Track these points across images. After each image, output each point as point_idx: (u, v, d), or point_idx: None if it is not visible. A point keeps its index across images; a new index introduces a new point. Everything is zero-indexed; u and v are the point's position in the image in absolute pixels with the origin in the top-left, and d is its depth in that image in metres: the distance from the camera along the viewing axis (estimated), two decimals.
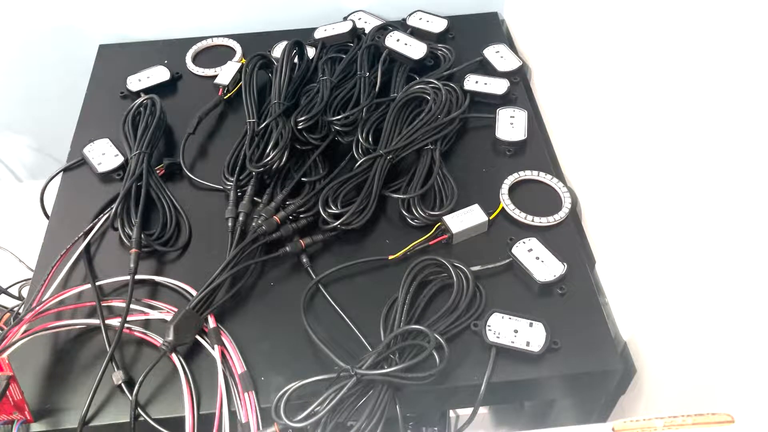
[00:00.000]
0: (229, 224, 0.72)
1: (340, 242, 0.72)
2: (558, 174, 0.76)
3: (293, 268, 0.70)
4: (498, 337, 0.62)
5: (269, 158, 0.74)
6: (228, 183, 0.75)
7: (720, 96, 0.47)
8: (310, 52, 0.88)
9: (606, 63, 0.66)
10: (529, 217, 0.72)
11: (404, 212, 0.72)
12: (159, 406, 0.60)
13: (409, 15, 0.94)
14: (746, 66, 0.44)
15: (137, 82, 0.89)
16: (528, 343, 0.61)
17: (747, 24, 0.43)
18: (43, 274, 0.69)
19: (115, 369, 0.61)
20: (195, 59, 0.94)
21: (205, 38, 0.96)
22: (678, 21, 0.52)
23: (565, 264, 0.67)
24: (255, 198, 0.74)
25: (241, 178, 0.75)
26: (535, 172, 0.76)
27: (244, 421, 0.58)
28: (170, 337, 0.60)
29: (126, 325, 0.63)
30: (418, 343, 0.60)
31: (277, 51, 0.91)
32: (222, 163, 0.77)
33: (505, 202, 0.73)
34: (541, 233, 0.70)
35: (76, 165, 0.80)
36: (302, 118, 0.77)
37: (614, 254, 0.68)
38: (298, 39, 0.86)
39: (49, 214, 0.77)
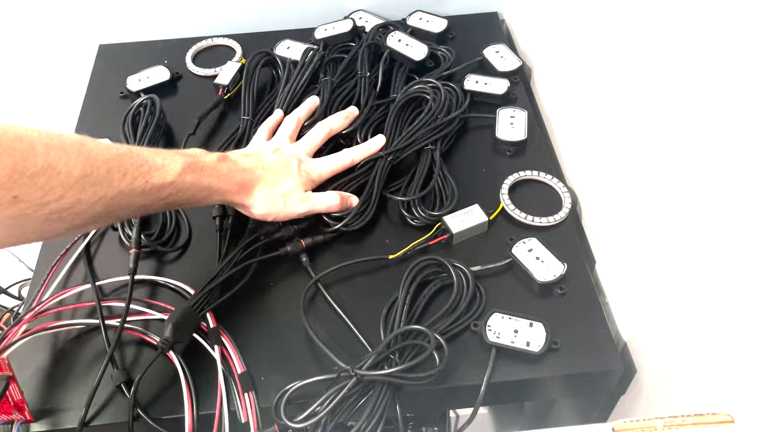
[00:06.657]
0: (217, 223, 0.71)
1: (340, 242, 0.72)
2: (558, 174, 0.76)
3: (293, 268, 0.70)
4: (498, 337, 0.62)
5: None
6: None
7: (721, 96, 0.47)
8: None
9: (606, 63, 0.66)
10: (529, 217, 0.72)
11: (404, 212, 0.72)
12: (159, 407, 0.60)
13: (409, 15, 0.94)
14: (746, 67, 0.44)
15: (137, 82, 0.89)
16: (528, 343, 0.61)
17: (747, 25, 0.43)
18: (43, 274, 0.69)
19: (115, 369, 0.61)
20: (195, 59, 0.94)
21: (205, 38, 0.96)
22: (678, 21, 0.52)
23: (565, 264, 0.67)
24: None
25: None
26: (535, 172, 0.76)
27: (243, 421, 0.58)
28: (168, 335, 0.60)
29: (126, 325, 0.63)
30: (418, 343, 0.60)
31: (278, 50, 0.91)
32: None
33: (505, 202, 0.73)
34: (541, 233, 0.70)
35: None
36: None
37: (614, 254, 0.68)
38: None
39: None
